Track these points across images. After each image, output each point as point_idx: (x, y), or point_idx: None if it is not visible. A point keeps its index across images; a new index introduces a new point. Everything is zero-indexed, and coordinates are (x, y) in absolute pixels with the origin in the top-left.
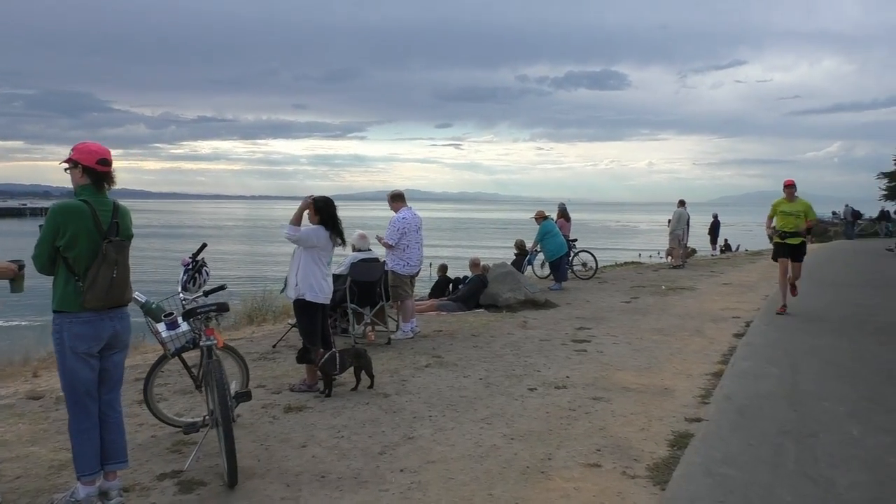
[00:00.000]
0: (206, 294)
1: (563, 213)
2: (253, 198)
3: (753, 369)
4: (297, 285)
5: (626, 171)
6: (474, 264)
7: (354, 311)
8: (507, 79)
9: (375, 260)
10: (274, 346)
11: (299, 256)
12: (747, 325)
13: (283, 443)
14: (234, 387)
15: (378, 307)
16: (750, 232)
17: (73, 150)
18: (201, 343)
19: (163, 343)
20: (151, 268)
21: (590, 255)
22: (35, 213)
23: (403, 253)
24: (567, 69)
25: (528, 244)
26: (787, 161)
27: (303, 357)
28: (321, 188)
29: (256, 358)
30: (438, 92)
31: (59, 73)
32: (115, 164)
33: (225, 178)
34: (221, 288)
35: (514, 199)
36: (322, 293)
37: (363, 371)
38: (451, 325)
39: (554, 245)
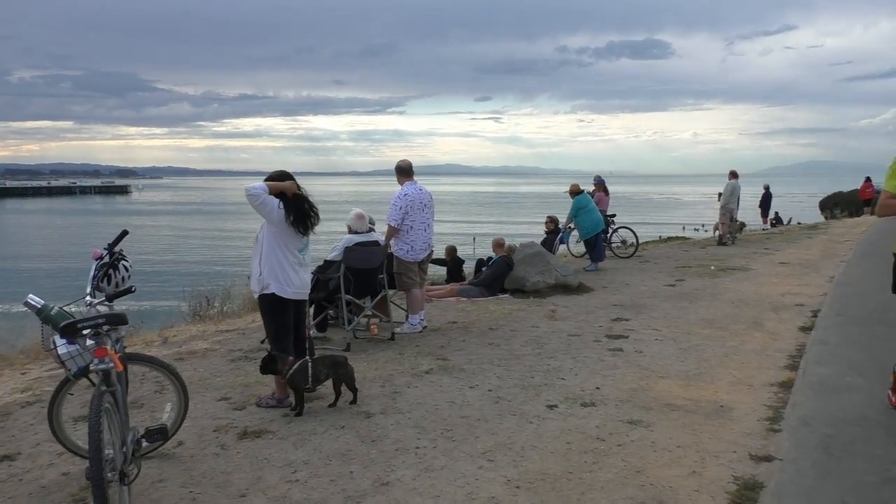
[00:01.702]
0: (110, 299)
1: (602, 186)
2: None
3: (833, 379)
4: (260, 275)
5: (671, 143)
6: (498, 244)
7: (351, 302)
8: (547, 50)
9: (375, 244)
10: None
11: (262, 240)
12: (814, 314)
13: (219, 488)
14: (167, 413)
15: (380, 297)
16: (800, 203)
17: None
18: (91, 367)
19: (61, 361)
20: (194, 247)
21: (630, 232)
22: (84, 191)
23: (407, 235)
24: (608, 39)
25: (563, 220)
26: (840, 129)
27: (267, 366)
28: (362, 163)
29: (237, 357)
30: (477, 65)
31: (105, 55)
32: (160, 143)
33: (267, 154)
34: (128, 291)
35: (555, 171)
36: (291, 286)
37: (343, 384)
38: (469, 316)
39: (589, 221)
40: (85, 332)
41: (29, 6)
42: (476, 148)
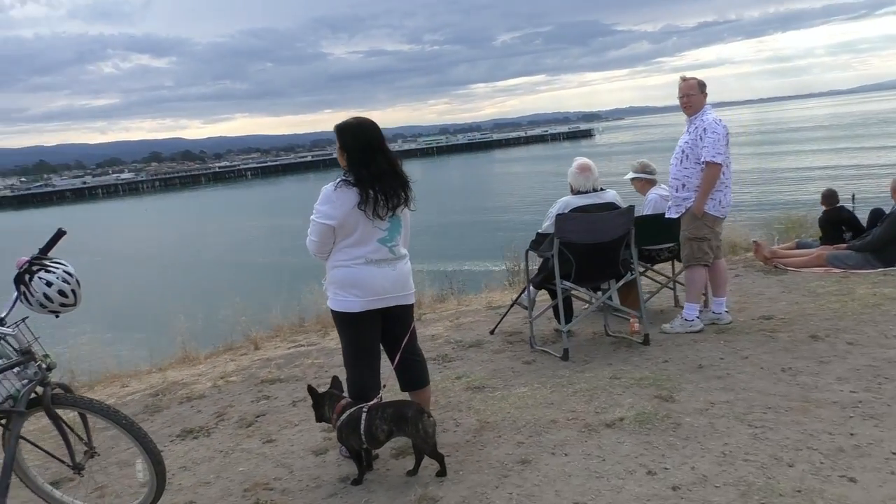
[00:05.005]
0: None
1: None
2: (760, 101)
3: None
4: (323, 283)
5: None
6: None
7: (571, 292)
8: None
9: (609, 206)
10: (492, 332)
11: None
12: None
13: None
14: (139, 474)
15: (626, 280)
16: None
17: None
18: None
19: None
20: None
21: None
22: (554, 137)
23: (718, 181)
24: None
25: None
26: None
27: (315, 408)
28: (842, 80)
29: (440, 356)
30: None
31: (570, 6)
32: (621, 84)
33: (729, 82)
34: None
35: None
36: (365, 293)
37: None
38: (808, 304)
39: None
40: None
41: None
42: None
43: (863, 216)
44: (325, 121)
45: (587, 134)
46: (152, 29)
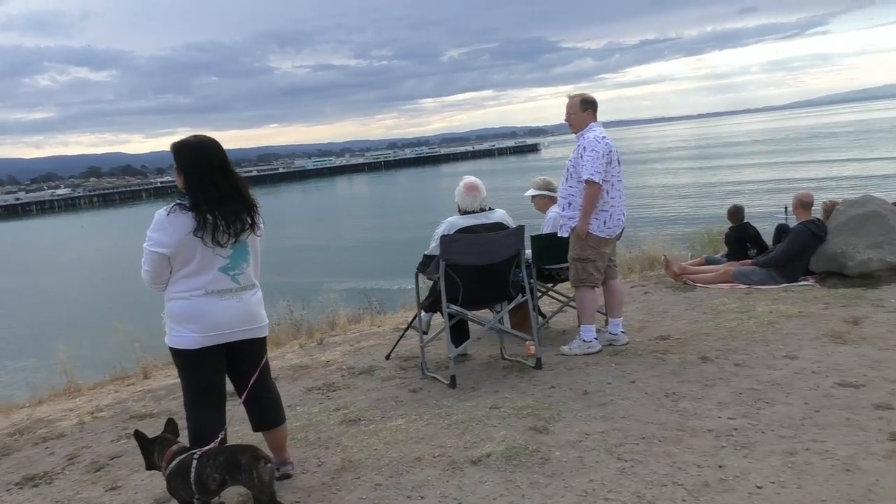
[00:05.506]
0: None
1: None
2: (700, 116)
3: None
4: (162, 317)
5: None
6: (801, 204)
7: (458, 315)
8: None
9: (498, 226)
10: (387, 357)
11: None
12: None
13: None
14: None
15: (516, 302)
16: None
17: None
18: None
19: None
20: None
21: None
22: (501, 152)
23: (602, 199)
24: None
25: None
26: None
27: (144, 455)
28: (776, 96)
29: (320, 386)
30: None
31: (517, 23)
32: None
33: (669, 98)
34: None
35: None
36: (202, 328)
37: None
38: (707, 323)
39: None
40: None
41: None
42: None
43: None
44: (271, 135)
45: (533, 148)
46: (91, 41)
